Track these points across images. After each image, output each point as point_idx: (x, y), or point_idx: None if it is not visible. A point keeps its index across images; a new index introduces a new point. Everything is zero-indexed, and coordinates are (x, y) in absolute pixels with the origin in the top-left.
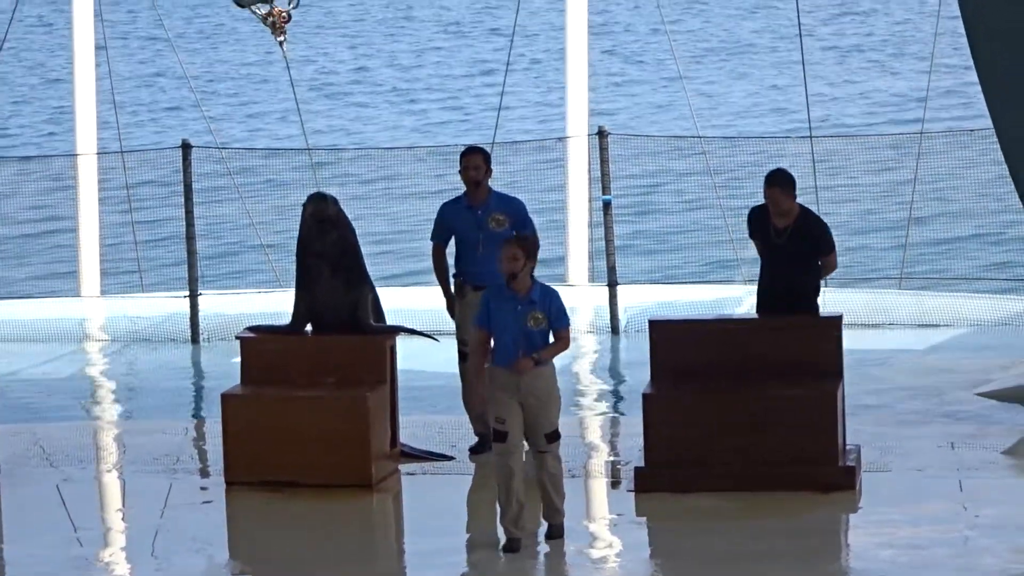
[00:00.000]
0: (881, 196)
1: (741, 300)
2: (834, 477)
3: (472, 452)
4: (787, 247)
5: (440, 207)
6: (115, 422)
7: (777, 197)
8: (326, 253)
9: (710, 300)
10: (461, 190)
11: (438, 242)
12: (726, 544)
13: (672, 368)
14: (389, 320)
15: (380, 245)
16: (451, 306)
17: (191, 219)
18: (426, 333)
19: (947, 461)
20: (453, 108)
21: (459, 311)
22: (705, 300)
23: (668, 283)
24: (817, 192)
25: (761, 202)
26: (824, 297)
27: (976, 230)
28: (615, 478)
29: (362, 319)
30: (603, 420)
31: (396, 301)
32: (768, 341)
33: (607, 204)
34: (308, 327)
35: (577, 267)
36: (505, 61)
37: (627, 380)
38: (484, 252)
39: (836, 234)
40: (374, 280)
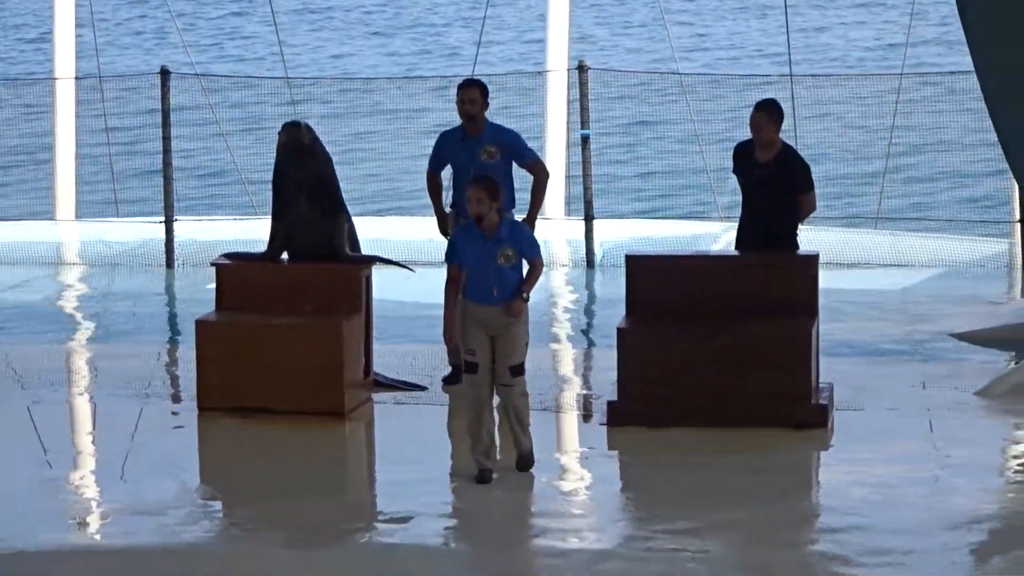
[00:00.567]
0: (862, 137)
1: (718, 237)
2: (807, 415)
3: (445, 382)
4: (766, 182)
5: (438, 136)
6: (88, 345)
7: (760, 122)
8: (302, 182)
9: (687, 236)
10: (449, 123)
11: (431, 171)
12: (697, 479)
13: (647, 303)
14: (365, 250)
15: (359, 176)
16: (443, 227)
17: (168, 145)
18: (402, 263)
19: (919, 401)
20: (434, 42)
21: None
22: (682, 236)
23: (645, 218)
24: (796, 131)
25: (746, 137)
26: (801, 236)
27: (955, 173)
28: (587, 412)
29: (338, 248)
30: (576, 354)
31: (373, 231)
32: (744, 278)
33: (585, 138)
34: (284, 255)
35: (554, 201)
36: None
37: (601, 314)
38: None
39: (816, 174)
40: (351, 210)
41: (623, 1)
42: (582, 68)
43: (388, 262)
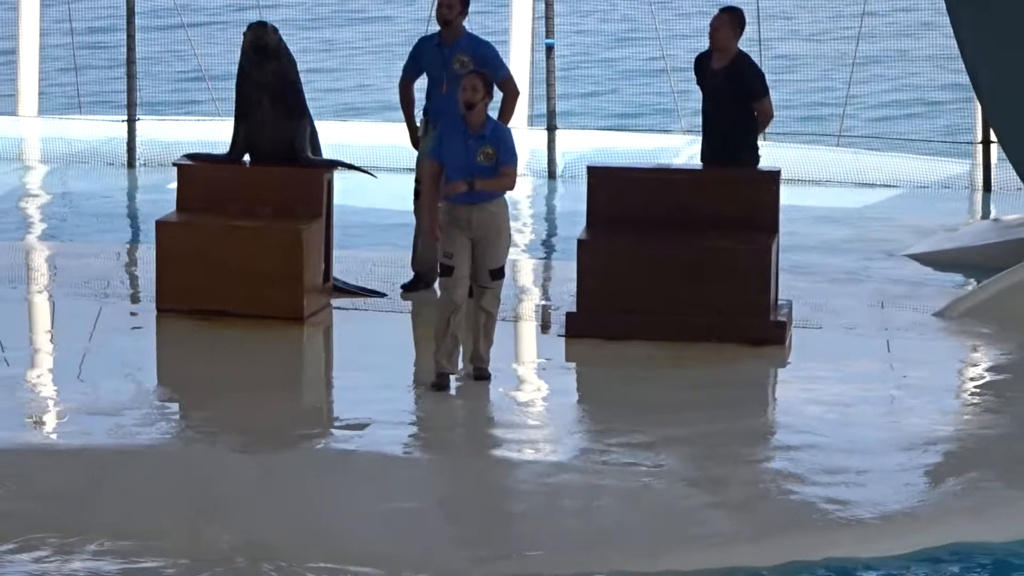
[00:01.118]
0: (827, 53)
1: (680, 150)
2: (765, 331)
3: (405, 289)
4: (720, 89)
5: (416, 41)
6: (47, 244)
7: (720, 24)
8: (265, 83)
9: (649, 149)
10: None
11: (406, 76)
12: (653, 392)
13: (608, 215)
14: (326, 155)
15: (322, 79)
16: (413, 138)
17: (132, 43)
18: (363, 168)
19: (877, 321)
20: None
21: (421, 148)
22: (644, 149)
23: (607, 130)
24: (761, 45)
25: (707, 49)
26: (763, 151)
27: (919, 92)
28: (545, 323)
29: (300, 151)
30: (536, 264)
31: (334, 136)
32: (706, 193)
33: (550, 48)
34: (246, 157)
35: (518, 110)
36: None
37: (562, 226)
38: (448, 92)
39: (780, 92)
40: (313, 113)
41: None
42: None
43: (350, 167)
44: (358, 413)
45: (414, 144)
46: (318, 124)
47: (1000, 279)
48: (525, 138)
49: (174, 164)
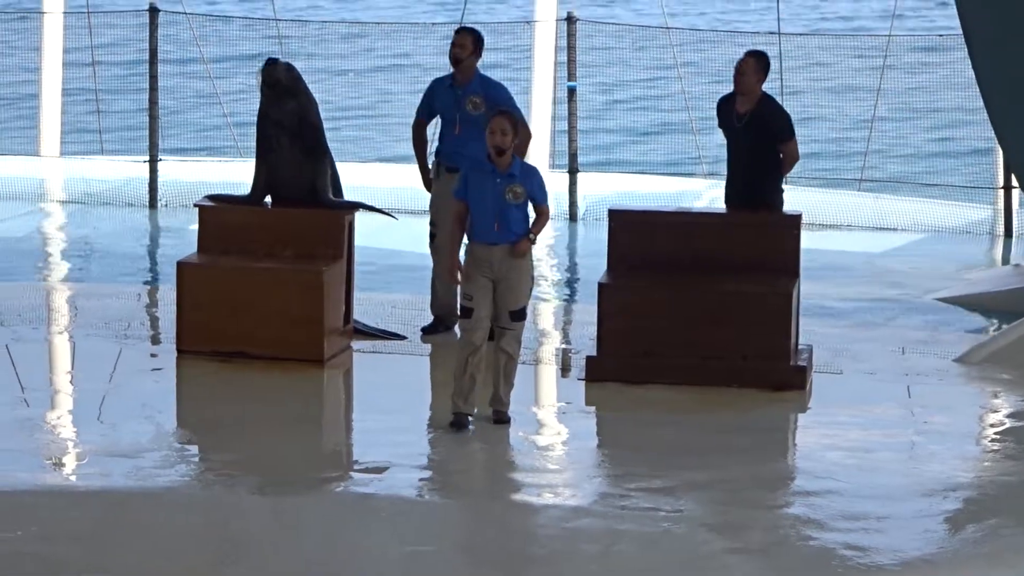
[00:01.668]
0: (847, 98)
1: (701, 194)
2: (785, 376)
3: (425, 332)
4: (746, 133)
5: (430, 82)
6: (69, 285)
7: (746, 67)
8: (284, 123)
9: (671, 192)
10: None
11: (419, 118)
12: (673, 437)
13: (629, 258)
14: (347, 196)
15: (345, 121)
16: (426, 181)
17: (155, 84)
18: (385, 211)
19: (898, 366)
20: None
21: (433, 191)
22: (666, 192)
23: (629, 173)
24: (783, 89)
25: (730, 91)
26: (784, 195)
27: (940, 136)
28: (566, 366)
29: (321, 193)
30: (556, 307)
31: (356, 178)
32: (726, 236)
33: (572, 90)
34: (268, 198)
35: (539, 153)
36: None
37: (583, 269)
38: (461, 133)
39: (801, 135)
40: (335, 155)
41: None
42: (570, 19)
43: (371, 209)
44: (377, 456)
45: (427, 187)
46: (340, 166)
47: (1021, 325)
48: (546, 181)
49: (195, 205)
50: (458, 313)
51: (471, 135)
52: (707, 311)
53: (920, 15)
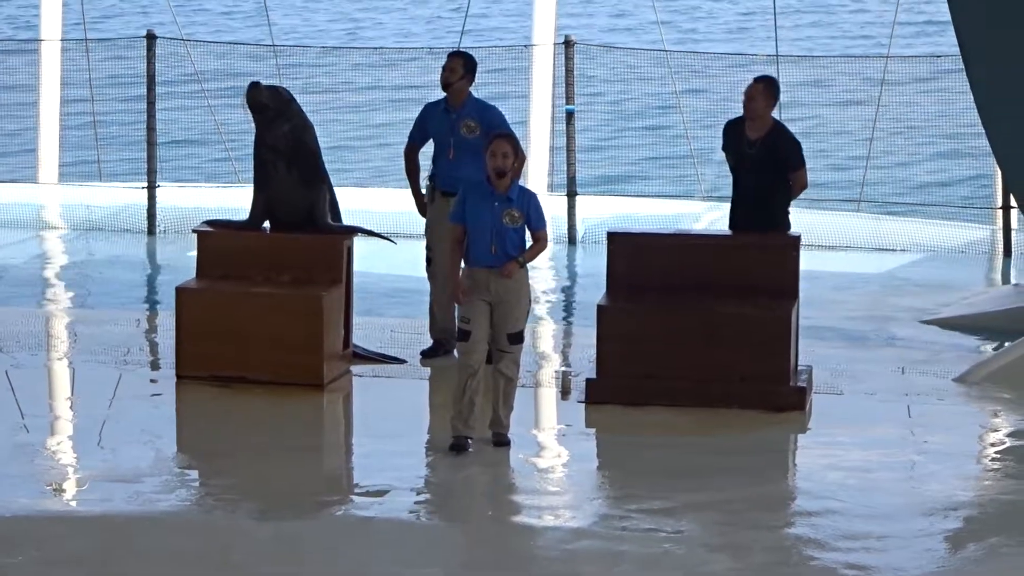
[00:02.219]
0: (845, 119)
1: (700, 216)
2: (785, 397)
3: (424, 356)
4: (757, 159)
5: (423, 107)
6: (68, 311)
7: (756, 93)
8: (279, 147)
9: (669, 215)
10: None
11: (412, 142)
12: (673, 459)
13: (628, 281)
14: (345, 220)
15: (342, 145)
16: (419, 205)
17: (152, 110)
18: (383, 235)
19: (898, 386)
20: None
21: (428, 215)
22: (664, 215)
23: (628, 196)
24: (780, 112)
25: (737, 115)
26: (791, 219)
27: (938, 157)
28: (565, 389)
29: (319, 217)
30: (556, 330)
31: (354, 202)
32: (725, 258)
33: (570, 114)
34: (266, 224)
35: (537, 176)
36: None
37: (582, 291)
38: (455, 157)
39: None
40: (333, 180)
41: None
42: (568, 43)
43: (369, 233)
44: (377, 479)
45: (421, 212)
46: (338, 190)
47: (1021, 344)
48: (545, 204)
49: (194, 231)
50: (456, 336)
51: (466, 159)
52: (707, 333)
53: (921, 35)
